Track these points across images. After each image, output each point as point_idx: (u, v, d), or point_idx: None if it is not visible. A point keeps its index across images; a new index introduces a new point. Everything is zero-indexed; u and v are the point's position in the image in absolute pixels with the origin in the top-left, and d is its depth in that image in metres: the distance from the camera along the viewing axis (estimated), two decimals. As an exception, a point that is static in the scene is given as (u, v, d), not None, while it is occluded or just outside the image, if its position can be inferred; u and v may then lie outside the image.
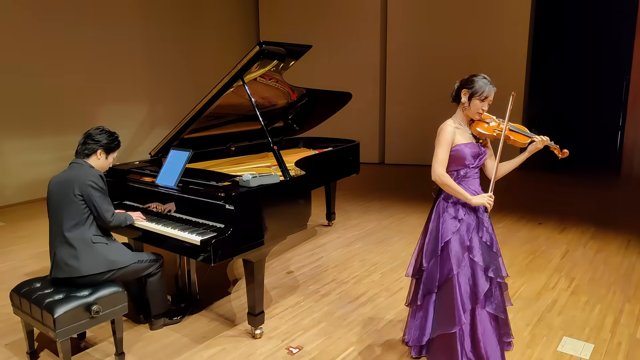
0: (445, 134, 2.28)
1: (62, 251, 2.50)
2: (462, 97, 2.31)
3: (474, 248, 2.27)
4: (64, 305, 2.33)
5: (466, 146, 2.30)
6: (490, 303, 2.26)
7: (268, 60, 3.22)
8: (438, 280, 2.32)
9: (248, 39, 9.90)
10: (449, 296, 2.27)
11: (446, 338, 2.30)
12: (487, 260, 2.27)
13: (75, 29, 6.88)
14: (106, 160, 2.68)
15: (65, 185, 2.53)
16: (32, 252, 4.45)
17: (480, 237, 2.30)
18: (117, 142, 2.72)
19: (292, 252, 4.37)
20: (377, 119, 9.28)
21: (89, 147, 2.61)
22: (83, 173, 2.54)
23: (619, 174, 7.84)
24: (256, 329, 2.85)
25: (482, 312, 2.26)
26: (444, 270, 2.30)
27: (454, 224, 2.30)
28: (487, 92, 2.27)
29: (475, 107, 2.30)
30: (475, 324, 2.27)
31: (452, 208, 2.32)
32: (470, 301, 2.25)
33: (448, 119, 2.37)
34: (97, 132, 2.64)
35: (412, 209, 5.83)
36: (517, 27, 7.97)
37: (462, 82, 2.34)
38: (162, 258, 2.87)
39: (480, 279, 2.24)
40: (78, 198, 2.50)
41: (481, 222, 2.32)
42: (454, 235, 2.28)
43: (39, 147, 6.54)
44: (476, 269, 2.25)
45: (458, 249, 2.27)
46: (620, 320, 3.02)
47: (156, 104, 8.24)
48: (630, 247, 4.37)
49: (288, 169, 3.02)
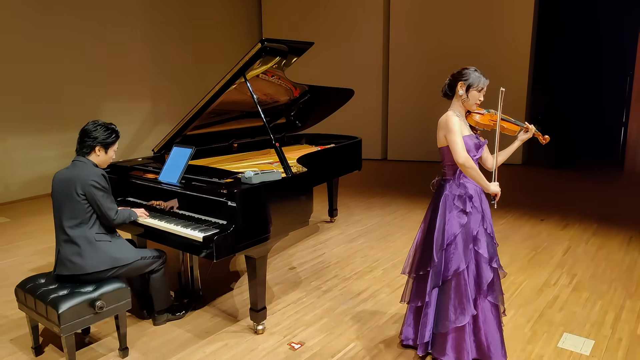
0: (454, 122, 2.29)
1: (66, 249, 2.52)
2: (460, 89, 2.34)
3: (480, 240, 2.31)
4: (68, 301, 2.36)
5: (468, 137, 2.33)
6: (492, 292, 2.33)
7: (270, 57, 3.22)
8: (443, 275, 2.34)
9: (251, 35, 9.90)
10: (458, 289, 2.30)
11: (454, 331, 2.33)
12: (492, 251, 2.33)
13: (79, 25, 6.89)
14: (106, 155, 2.64)
15: (67, 183, 2.53)
16: (36, 248, 4.49)
17: (485, 228, 2.34)
18: (114, 136, 2.64)
19: (295, 248, 4.39)
20: (380, 115, 9.27)
21: (86, 145, 2.57)
22: (85, 172, 2.52)
23: (622, 170, 7.82)
24: (258, 325, 2.87)
25: (483, 301, 2.32)
26: (449, 264, 2.32)
27: (462, 218, 2.32)
28: (482, 83, 2.34)
29: (474, 98, 2.35)
30: (477, 312, 2.33)
31: (459, 201, 2.34)
32: (474, 292, 2.30)
33: (448, 111, 2.38)
34: (92, 128, 2.57)
35: (415, 204, 5.84)
36: (520, 24, 7.94)
37: (456, 76, 2.37)
38: (165, 254, 2.89)
39: (484, 270, 2.30)
40: (81, 197, 2.50)
41: (485, 213, 2.35)
42: (462, 229, 2.31)
43: (43, 143, 6.57)
44: (480, 260, 2.30)
45: (466, 242, 2.31)
46: (621, 316, 3.02)
47: (159, 100, 8.26)
48: (632, 244, 4.37)
49: (290, 166, 3.03)
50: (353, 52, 9.11)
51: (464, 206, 2.32)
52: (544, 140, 2.53)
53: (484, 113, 2.42)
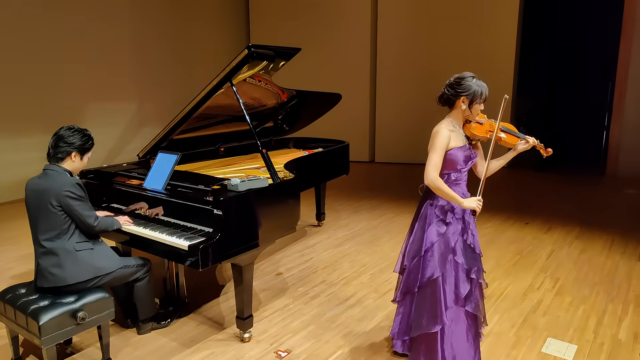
0: (440, 139, 2.25)
1: (45, 260, 2.46)
2: (462, 104, 2.28)
3: (458, 250, 2.30)
4: (50, 312, 2.31)
5: (460, 149, 2.30)
6: (470, 302, 2.31)
7: (258, 62, 3.21)
8: (420, 281, 2.34)
9: (239, 37, 9.84)
10: (433, 297, 2.29)
11: (426, 337, 2.33)
12: (470, 262, 2.31)
13: (63, 26, 6.76)
14: (81, 161, 2.55)
15: (41, 195, 2.43)
16: (18, 254, 4.40)
17: (465, 239, 2.33)
18: (91, 142, 2.57)
19: (282, 253, 4.37)
20: (368, 117, 9.29)
21: (61, 150, 2.47)
22: (58, 183, 2.43)
23: (604, 173, 7.96)
24: (245, 333, 2.85)
25: (458, 311, 2.31)
26: (426, 271, 2.31)
27: (441, 227, 2.32)
28: (485, 94, 2.28)
29: (476, 111, 2.32)
30: (452, 322, 2.31)
31: (439, 211, 2.33)
32: (452, 301, 2.29)
33: (443, 121, 2.34)
34: (68, 133, 2.48)
35: (401, 208, 5.87)
36: (506, 27, 8.03)
37: (455, 88, 2.28)
38: (150, 262, 2.85)
39: (462, 281, 2.28)
40: (57, 209, 2.42)
41: (467, 225, 2.35)
42: (440, 238, 2.30)
43: (25, 146, 6.43)
44: (459, 270, 2.29)
45: (443, 251, 2.30)
46: (603, 320, 3.07)
47: (145, 101, 8.15)
48: (614, 247, 4.45)
49: (277, 172, 3.02)
50: (340, 55, 9.11)
51: (444, 216, 2.32)
52: (546, 154, 2.46)
53: (483, 122, 2.36)
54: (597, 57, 9.29)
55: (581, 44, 9.47)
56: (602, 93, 9.13)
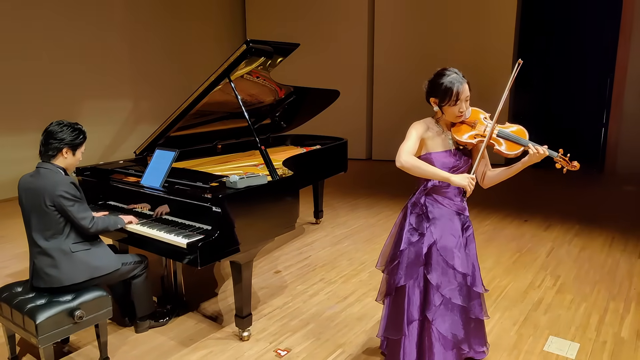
0: (411, 129, 2.07)
1: (41, 260, 2.42)
2: (433, 105, 2.04)
3: (431, 265, 2.12)
4: (46, 311, 2.27)
5: (438, 154, 2.08)
6: (443, 322, 2.11)
7: (256, 57, 3.17)
8: (392, 286, 2.27)
9: (235, 33, 9.78)
10: (397, 304, 2.23)
11: (393, 342, 2.29)
12: (443, 279, 2.11)
13: (57, 23, 6.70)
14: (74, 157, 2.47)
15: (34, 195, 2.37)
16: (13, 253, 4.35)
17: (440, 252, 2.12)
18: (82, 136, 2.47)
19: (280, 251, 4.34)
20: (365, 115, 9.26)
21: (52, 147, 2.38)
22: (52, 182, 2.35)
23: (602, 170, 7.96)
24: (244, 331, 2.82)
25: (430, 327, 2.14)
26: (395, 277, 2.22)
27: (413, 236, 2.17)
28: (455, 93, 1.95)
29: (451, 113, 2.03)
30: (424, 336, 2.17)
31: (414, 218, 2.19)
32: (418, 313, 2.16)
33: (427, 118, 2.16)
34: (57, 129, 2.39)
35: (399, 205, 5.79)
36: (503, 25, 8.01)
37: (427, 87, 2.07)
38: (146, 259, 2.82)
39: (432, 295, 2.12)
40: (51, 209, 2.35)
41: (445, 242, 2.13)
42: (410, 247, 2.17)
43: (20, 143, 6.36)
44: (429, 285, 2.14)
45: (413, 260, 2.16)
46: (605, 319, 3.06)
47: (141, 99, 8.09)
48: (614, 244, 4.43)
49: (276, 169, 2.98)
50: (338, 53, 9.07)
51: (417, 226, 2.17)
52: (572, 168, 1.99)
53: (474, 125, 2.01)
54: (596, 54, 9.27)
55: (579, 40, 9.45)
56: (601, 90, 9.12)
